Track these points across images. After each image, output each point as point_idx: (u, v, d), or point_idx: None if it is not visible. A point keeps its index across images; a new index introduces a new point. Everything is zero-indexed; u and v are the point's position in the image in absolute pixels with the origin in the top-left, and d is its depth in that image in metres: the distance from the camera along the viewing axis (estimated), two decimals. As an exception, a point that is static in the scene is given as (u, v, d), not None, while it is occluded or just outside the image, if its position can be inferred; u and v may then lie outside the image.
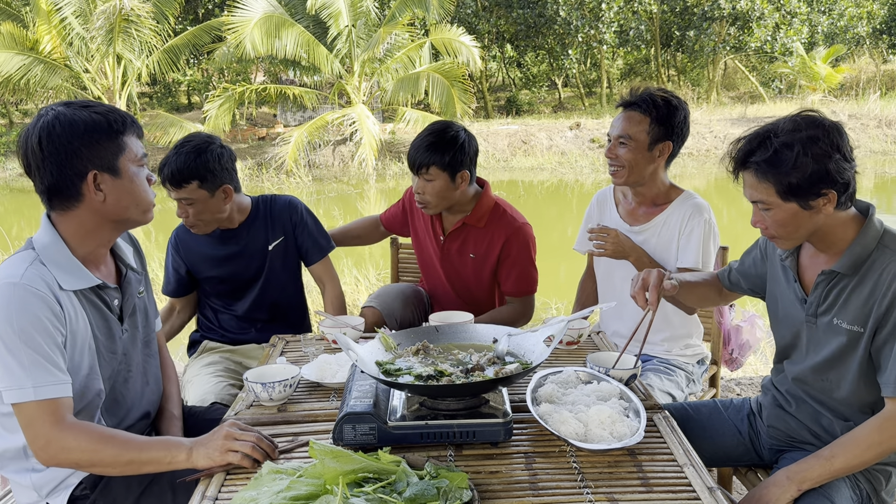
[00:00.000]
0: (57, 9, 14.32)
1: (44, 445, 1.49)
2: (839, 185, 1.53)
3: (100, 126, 1.55)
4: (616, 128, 2.30)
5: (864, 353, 1.59)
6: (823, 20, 21.14)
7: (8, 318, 1.46)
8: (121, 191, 1.59)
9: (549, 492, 1.36)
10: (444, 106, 15.15)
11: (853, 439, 1.55)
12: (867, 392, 1.62)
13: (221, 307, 2.62)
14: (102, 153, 1.55)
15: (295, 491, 1.27)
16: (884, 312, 1.54)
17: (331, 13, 14.73)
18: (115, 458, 1.50)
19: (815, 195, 1.54)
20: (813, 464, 1.57)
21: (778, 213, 1.59)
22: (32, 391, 1.47)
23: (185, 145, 2.34)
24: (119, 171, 1.58)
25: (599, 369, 1.80)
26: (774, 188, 1.56)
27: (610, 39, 20.30)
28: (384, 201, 13.30)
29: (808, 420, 1.74)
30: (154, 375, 1.87)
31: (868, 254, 1.58)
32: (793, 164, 1.52)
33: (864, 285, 1.58)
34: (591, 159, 16.11)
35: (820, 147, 1.51)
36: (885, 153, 16.22)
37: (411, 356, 1.73)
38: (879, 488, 1.63)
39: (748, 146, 1.59)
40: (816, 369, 1.69)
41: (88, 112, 1.55)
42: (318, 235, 2.63)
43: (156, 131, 15.40)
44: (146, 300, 1.85)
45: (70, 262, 1.58)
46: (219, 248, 2.52)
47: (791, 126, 1.55)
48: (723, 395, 3.67)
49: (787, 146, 1.53)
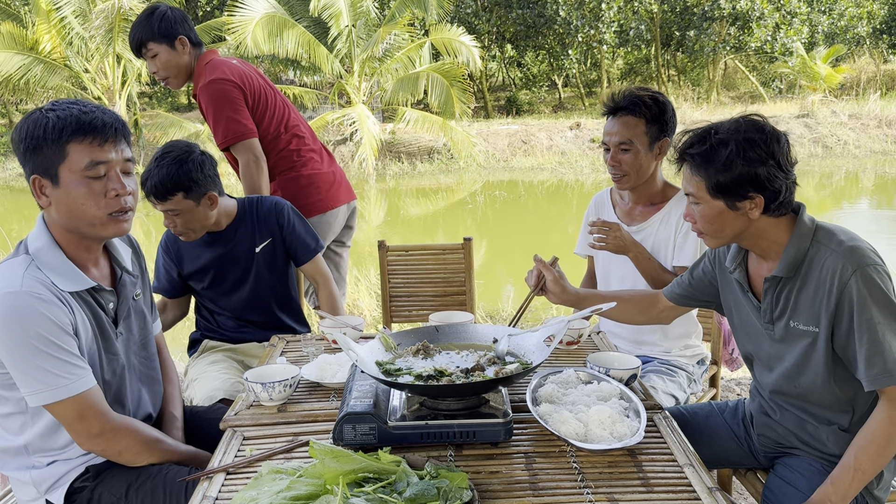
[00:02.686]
0: (56, 8, 14.33)
1: (98, 433, 1.57)
2: (768, 191, 1.55)
3: (42, 130, 1.50)
4: (614, 135, 2.29)
5: (826, 353, 1.59)
6: (823, 20, 21.16)
7: (21, 326, 1.46)
8: (60, 200, 1.54)
9: (550, 492, 1.36)
10: (443, 106, 15.15)
11: (870, 441, 1.53)
12: (841, 390, 1.61)
13: (216, 308, 2.62)
14: (41, 159, 1.51)
15: (295, 491, 1.27)
16: (834, 310, 1.54)
17: (331, 13, 14.74)
18: (152, 461, 1.66)
19: (742, 197, 1.56)
20: (847, 480, 1.54)
21: (705, 209, 1.62)
22: (66, 389, 1.50)
23: (164, 157, 2.30)
24: (58, 180, 1.52)
25: (599, 369, 1.80)
26: (704, 183, 1.59)
27: (610, 39, 20.30)
28: (384, 201, 13.31)
29: (793, 427, 1.73)
30: (154, 378, 1.87)
31: (804, 253, 1.59)
32: (724, 163, 1.55)
33: (808, 285, 1.59)
34: (591, 159, 16.11)
35: (754, 151, 1.53)
36: (885, 153, 16.22)
37: (411, 356, 1.73)
38: (872, 487, 1.63)
39: (690, 139, 1.63)
40: (787, 377, 1.68)
41: (45, 114, 1.52)
42: (305, 236, 2.61)
43: (156, 131, 15.41)
44: (143, 303, 1.84)
45: (64, 264, 1.57)
46: (206, 250, 2.52)
47: (733, 126, 1.58)
48: (723, 395, 3.67)
49: (723, 144, 1.55)
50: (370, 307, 5.73)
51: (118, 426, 1.60)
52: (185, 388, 2.46)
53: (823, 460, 1.69)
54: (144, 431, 1.67)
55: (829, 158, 15.98)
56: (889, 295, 1.50)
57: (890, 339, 1.49)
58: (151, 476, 1.64)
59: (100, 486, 1.64)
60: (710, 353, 2.64)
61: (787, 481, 1.69)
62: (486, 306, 5.98)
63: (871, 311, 1.49)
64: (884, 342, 1.49)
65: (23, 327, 1.46)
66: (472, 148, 15.62)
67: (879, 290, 1.50)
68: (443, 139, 15.99)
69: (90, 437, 1.57)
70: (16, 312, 1.46)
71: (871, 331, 1.49)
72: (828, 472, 1.61)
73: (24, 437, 1.61)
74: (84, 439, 1.58)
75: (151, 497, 1.61)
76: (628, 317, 2.08)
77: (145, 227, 10.72)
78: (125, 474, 1.65)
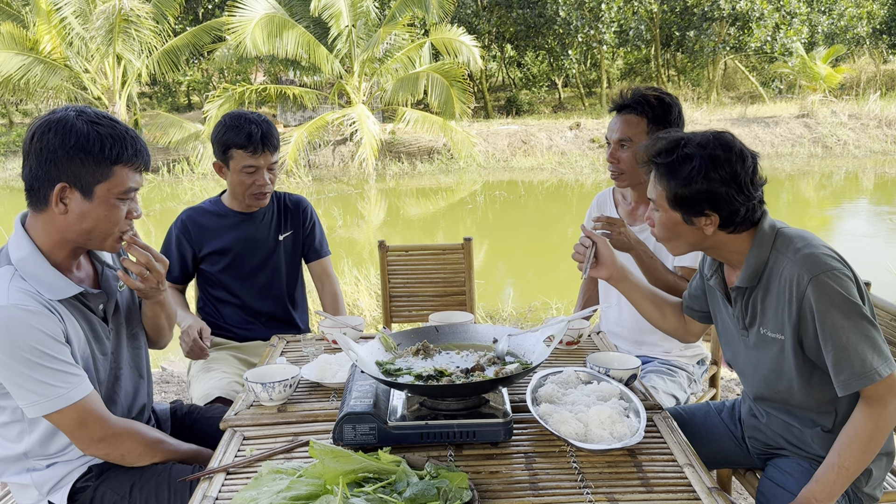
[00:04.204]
0: (57, 9, 14.33)
1: (100, 438, 1.57)
2: (724, 211, 1.56)
3: (92, 146, 1.49)
4: (615, 131, 2.30)
5: (796, 359, 1.59)
6: (823, 20, 21.16)
7: (12, 340, 1.45)
8: (85, 213, 1.53)
9: (549, 492, 1.36)
10: (443, 106, 15.16)
11: (852, 438, 1.53)
12: (820, 391, 1.61)
13: (226, 297, 2.59)
14: (81, 171, 1.50)
15: (295, 491, 1.27)
16: (797, 319, 1.54)
17: (331, 13, 14.75)
18: (154, 462, 1.66)
19: (698, 213, 1.57)
20: (831, 478, 1.54)
21: (663, 217, 1.64)
22: (63, 399, 1.50)
23: (248, 117, 2.41)
24: (92, 195, 1.52)
25: (599, 369, 1.80)
26: (665, 193, 1.60)
27: (610, 39, 20.31)
28: (384, 201, 13.31)
29: (779, 430, 1.74)
30: (146, 367, 1.87)
31: (764, 262, 1.59)
32: (685, 177, 1.55)
33: (770, 293, 1.59)
34: (591, 159, 16.12)
35: (717, 171, 1.53)
36: (885, 153, 16.23)
37: (411, 356, 1.73)
38: (861, 485, 1.63)
39: (661, 146, 1.63)
40: (765, 383, 1.69)
41: (92, 127, 1.51)
42: (321, 237, 2.72)
43: (156, 131, 15.42)
44: (128, 293, 1.82)
45: (49, 273, 1.56)
46: (231, 231, 2.55)
47: (702, 141, 1.58)
48: (723, 395, 3.67)
49: (689, 158, 1.56)
50: (370, 307, 5.73)
51: (120, 430, 1.60)
52: (187, 385, 2.46)
53: (811, 460, 1.69)
54: (146, 433, 1.66)
55: (829, 158, 15.98)
56: (849, 298, 1.49)
57: (855, 341, 1.48)
58: (155, 474, 1.64)
59: (103, 485, 1.64)
60: (709, 353, 2.64)
61: (777, 483, 1.69)
62: (486, 306, 5.98)
63: (833, 317, 1.49)
64: (848, 346, 1.48)
65: (13, 341, 1.45)
66: (472, 148, 15.63)
67: (838, 294, 1.49)
68: (443, 139, 16.00)
69: (92, 442, 1.57)
70: (5, 327, 1.45)
71: (834, 337, 1.49)
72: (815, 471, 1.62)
73: (23, 444, 1.61)
74: (86, 445, 1.58)
75: (155, 495, 1.62)
76: (658, 318, 1.94)
77: (145, 226, 10.72)
78: (129, 473, 1.65)
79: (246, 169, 2.42)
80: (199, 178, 15.55)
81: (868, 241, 9.10)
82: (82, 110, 1.54)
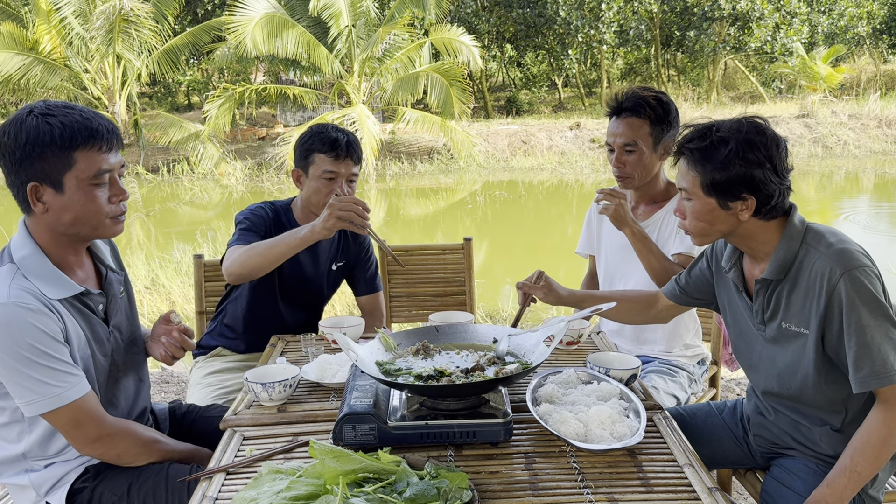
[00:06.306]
0: (57, 9, 14.34)
1: (95, 438, 1.57)
2: (761, 194, 1.55)
3: (44, 138, 1.48)
4: (618, 136, 2.29)
5: (816, 354, 1.58)
6: (823, 20, 21.18)
7: (11, 338, 1.46)
8: (64, 206, 1.52)
9: (549, 492, 1.36)
10: (443, 106, 15.15)
11: (865, 443, 1.53)
12: (832, 391, 1.61)
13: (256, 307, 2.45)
14: (45, 167, 1.49)
15: (295, 491, 1.27)
16: (824, 313, 1.54)
17: (331, 13, 14.74)
18: (151, 461, 1.66)
19: (735, 197, 1.56)
20: (843, 482, 1.54)
21: (697, 205, 1.62)
22: (59, 398, 1.50)
23: (335, 126, 2.33)
24: (62, 187, 1.51)
25: (599, 369, 1.80)
26: (699, 179, 1.59)
27: (610, 39, 20.31)
28: (384, 201, 13.30)
29: (787, 428, 1.73)
30: (145, 372, 1.87)
31: (794, 255, 1.59)
32: (722, 161, 1.55)
33: (798, 287, 1.59)
34: (591, 159, 16.11)
35: (754, 153, 1.53)
36: (885, 153, 16.23)
37: (411, 356, 1.73)
38: (867, 487, 1.63)
39: (690, 134, 1.62)
40: (779, 378, 1.68)
41: (42, 120, 1.48)
42: (375, 271, 2.67)
43: (155, 131, 15.41)
44: (127, 299, 1.83)
45: (51, 272, 1.56)
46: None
47: (735, 126, 1.57)
48: (723, 395, 3.67)
49: (724, 142, 1.55)
50: (370, 307, 5.71)
51: (115, 430, 1.60)
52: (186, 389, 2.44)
53: (818, 460, 1.68)
54: (141, 433, 1.66)
55: (829, 158, 15.98)
56: (878, 297, 1.50)
57: (879, 340, 1.49)
58: (153, 474, 1.64)
59: (100, 485, 1.64)
60: (710, 353, 2.64)
61: (784, 483, 1.69)
62: (486, 306, 5.98)
63: (860, 314, 1.49)
64: (872, 344, 1.48)
65: (12, 339, 1.45)
66: (472, 148, 15.62)
67: (868, 292, 1.49)
68: (443, 139, 16.00)
69: (87, 442, 1.57)
70: (4, 324, 1.45)
71: (859, 333, 1.49)
72: (823, 472, 1.61)
73: (22, 444, 1.61)
74: (82, 445, 1.58)
75: (153, 495, 1.62)
76: (627, 317, 2.08)
77: (145, 227, 10.72)
78: (126, 473, 1.65)
79: (326, 174, 2.30)
80: (199, 178, 15.55)
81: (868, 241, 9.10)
82: (34, 107, 1.53)
